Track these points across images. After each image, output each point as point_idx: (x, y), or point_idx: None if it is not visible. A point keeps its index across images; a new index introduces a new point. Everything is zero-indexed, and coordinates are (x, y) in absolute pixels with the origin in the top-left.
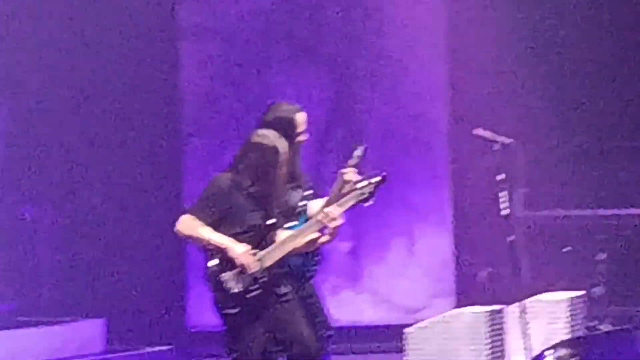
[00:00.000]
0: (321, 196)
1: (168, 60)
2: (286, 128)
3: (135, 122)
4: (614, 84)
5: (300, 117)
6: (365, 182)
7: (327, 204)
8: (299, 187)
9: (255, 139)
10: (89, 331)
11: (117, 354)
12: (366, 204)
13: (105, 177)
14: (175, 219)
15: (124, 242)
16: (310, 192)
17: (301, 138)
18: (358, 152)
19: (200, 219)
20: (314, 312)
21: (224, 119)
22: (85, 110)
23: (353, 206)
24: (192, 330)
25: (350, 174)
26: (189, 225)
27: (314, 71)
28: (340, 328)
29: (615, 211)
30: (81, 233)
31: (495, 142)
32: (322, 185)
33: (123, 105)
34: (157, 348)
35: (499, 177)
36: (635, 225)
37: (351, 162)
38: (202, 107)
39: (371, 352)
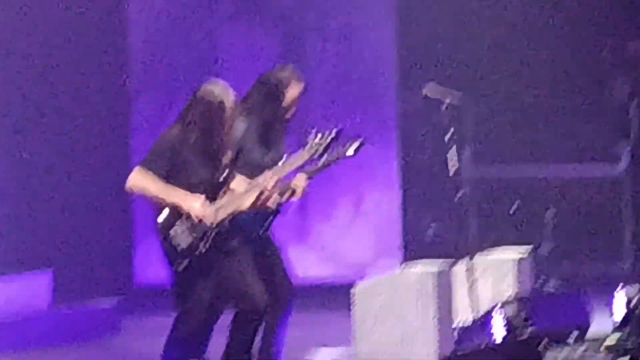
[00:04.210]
0: None
1: (115, 16)
2: (273, 92)
3: (83, 78)
4: (564, 41)
5: (293, 91)
6: (318, 138)
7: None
8: (270, 151)
9: (201, 93)
10: (35, 285)
11: (63, 308)
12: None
13: (52, 132)
14: (123, 174)
15: (71, 197)
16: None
17: (286, 113)
18: (332, 134)
19: (151, 172)
20: (274, 270)
21: (172, 74)
22: (31, 66)
23: (306, 162)
24: (139, 285)
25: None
26: (141, 178)
27: (262, 26)
28: None
29: (564, 168)
30: (28, 187)
31: (445, 99)
32: None
33: (70, 61)
34: (103, 302)
35: (447, 134)
36: (584, 182)
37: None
38: (149, 63)
39: (318, 308)
